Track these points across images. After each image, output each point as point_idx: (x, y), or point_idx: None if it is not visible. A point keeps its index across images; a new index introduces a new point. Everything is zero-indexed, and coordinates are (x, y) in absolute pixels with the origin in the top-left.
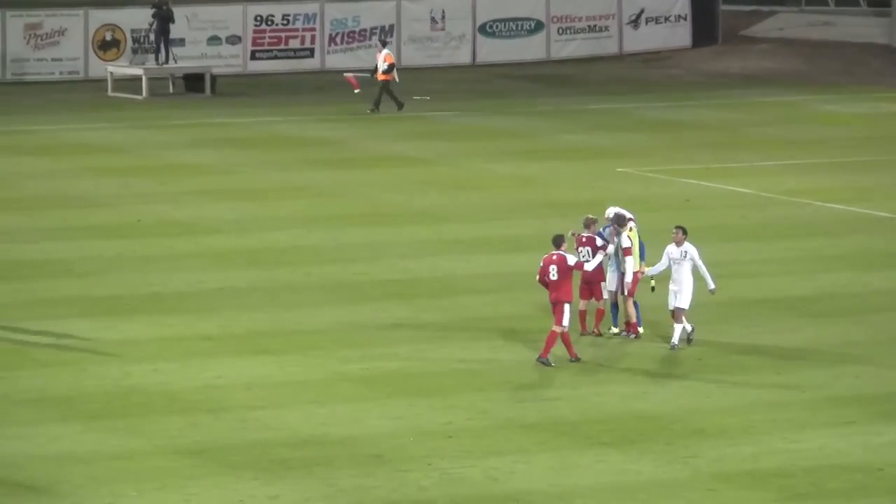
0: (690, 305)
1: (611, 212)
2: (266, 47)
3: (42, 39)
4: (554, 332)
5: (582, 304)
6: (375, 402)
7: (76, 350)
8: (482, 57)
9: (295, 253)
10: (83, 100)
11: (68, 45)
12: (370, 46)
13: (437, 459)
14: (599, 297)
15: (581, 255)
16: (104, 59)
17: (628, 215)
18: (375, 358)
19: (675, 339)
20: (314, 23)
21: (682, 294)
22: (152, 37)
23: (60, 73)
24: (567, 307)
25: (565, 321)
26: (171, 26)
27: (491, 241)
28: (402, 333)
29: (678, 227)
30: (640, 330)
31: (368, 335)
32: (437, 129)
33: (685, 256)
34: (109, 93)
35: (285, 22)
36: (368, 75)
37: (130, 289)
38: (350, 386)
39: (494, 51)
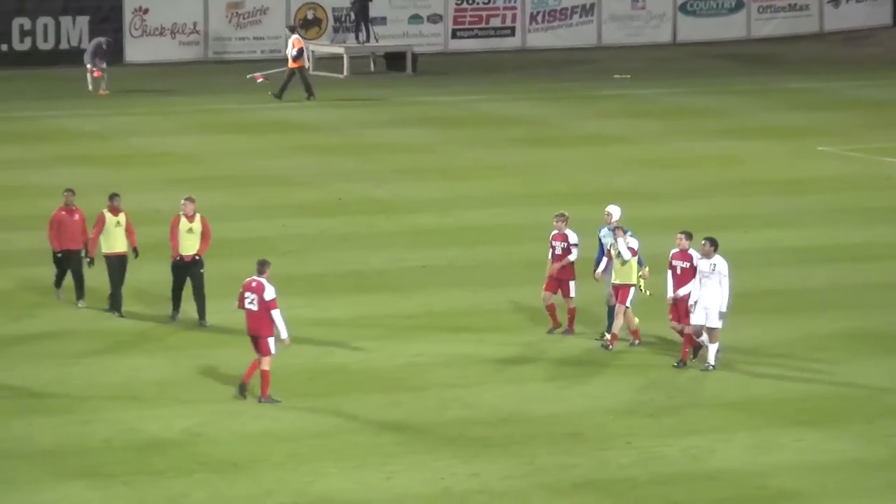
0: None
1: (616, 211)
2: (467, 26)
3: (244, 18)
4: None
5: (548, 297)
6: (574, 380)
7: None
8: (682, 35)
9: (495, 231)
10: (283, 78)
11: (270, 24)
12: (571, 25)
13: (636, 438)
14: (567, 294)
15: (556, 249)
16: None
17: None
18: (574, 336)
19: (711, 359)
20: (515, 1)
21: (711, 312)
22: (353, 16)
23: (262, 51)
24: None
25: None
26: (372, 5)
27: (690, 219)
28: (601, 312)
29: (706, 239)
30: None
31: (562, 314)
32: (637, 108)
33: (714, 270)
34: (311, 71)
35: (486, 0)
36: (284, 69)
37: (331, 267)
38: (549, 364)
39: (695, 29)
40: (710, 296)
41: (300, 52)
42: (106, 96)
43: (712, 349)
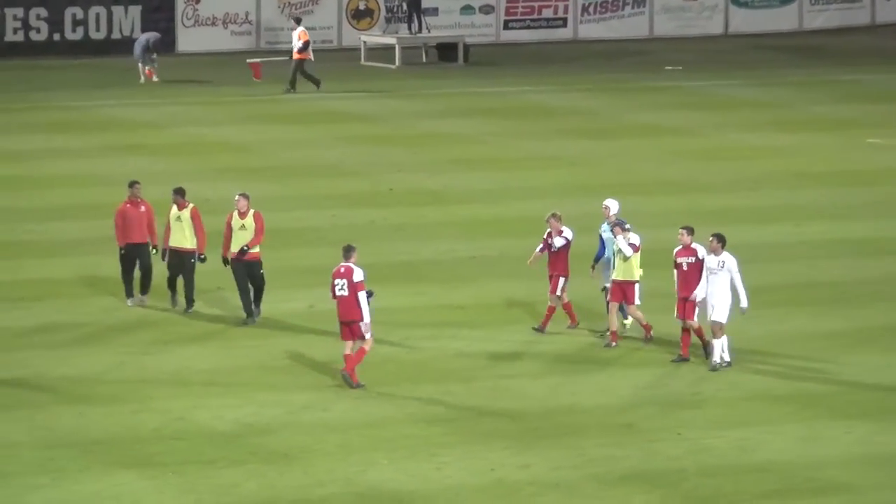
0: (728, 319)
1: (615, 205)
2: (519, 17)
3: (296, 8)
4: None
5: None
6: (623, 371)
7: (329, 318)
8: (734, 27)
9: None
10: (336, 68)
11: (322, 14)
12: (623, 16)
13: (686, 429)
14: (554, 290)
15: (553, 248)
16: (357, 29)
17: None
18: (627, 328)
19: (716, 357)
20: None
21: (717, 307)
22: (405, 6)
23: (314, 41)
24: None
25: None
26: None
27: (741, 211)
28: (654, 304)
29: (714, 235)
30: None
31: None
32: (688, 100)
33: (722, 267)
34: (362, 62)
35: None
36: (288, 58)
37: (382, 257)
38: (598, 356)
39: (747, 21)
40: (717, 292)
41: (306, 44)
42: (157, 84)
43: (717, 344)
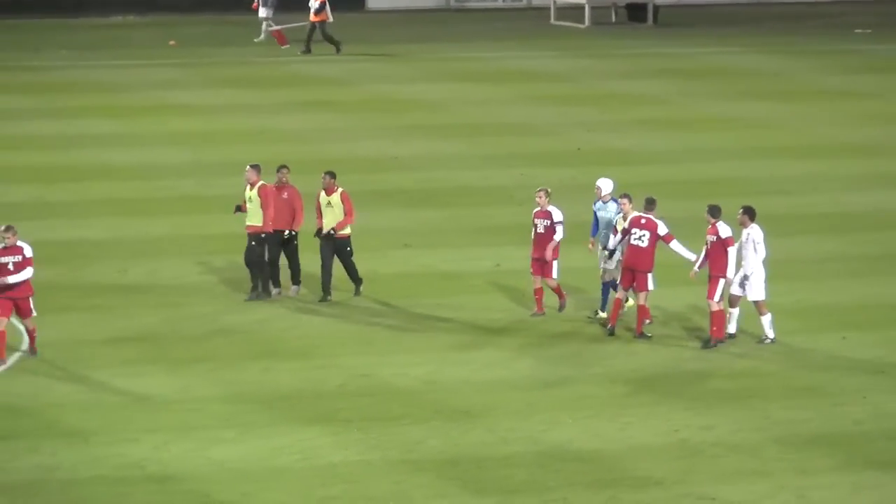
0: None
1: (608, 185)
2: None
3: None
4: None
5: (536, 281)
6: (806, 334)
7: (512, 276)
8: None
9: (728, 184)
10: (525, 28)
11: None
12: None
13: (871, 393)
14: (549, 275)
15: (538, 228)
16: None
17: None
18: (806, 291)
19: (769, 332)
20: None
21: (753, 285)
22: None
23: (504, 0)
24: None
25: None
26: None
27: None
28: (833, 267)
29: (743, 208)
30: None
31: (799, 268)
32: (876, 63)
33: (748, 239)
34: (552, 21)
35: None
36: (308, 23)
37: (571, 217)
38: (781, 319)
39: None
40: (748, 267)
41: (322, 5)
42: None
43: (765, 321)
